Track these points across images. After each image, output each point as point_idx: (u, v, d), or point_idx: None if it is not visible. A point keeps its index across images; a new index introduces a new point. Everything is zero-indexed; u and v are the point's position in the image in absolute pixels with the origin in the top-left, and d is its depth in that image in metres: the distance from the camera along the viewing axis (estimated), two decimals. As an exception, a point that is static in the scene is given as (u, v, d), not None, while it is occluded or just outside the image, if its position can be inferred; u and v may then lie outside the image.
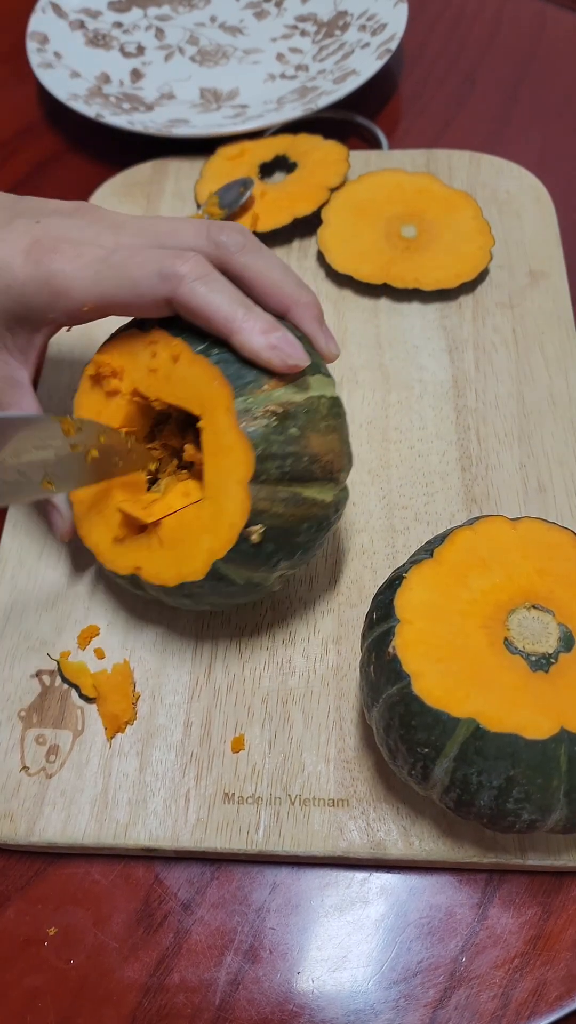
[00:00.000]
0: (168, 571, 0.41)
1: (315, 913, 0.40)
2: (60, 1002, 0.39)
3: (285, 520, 0.40)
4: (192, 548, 0.40)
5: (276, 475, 0.39)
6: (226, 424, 0.39)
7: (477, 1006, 0.38)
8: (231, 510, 0.39)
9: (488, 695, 0.35)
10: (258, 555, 0.40)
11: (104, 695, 0.45)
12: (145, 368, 0.42)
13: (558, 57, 0.76)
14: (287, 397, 0.39)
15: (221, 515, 0.39)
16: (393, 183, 0.62)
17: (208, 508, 0.40)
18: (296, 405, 0.39)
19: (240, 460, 0.39)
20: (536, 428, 0.52)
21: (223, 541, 0.39)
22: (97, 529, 0.44)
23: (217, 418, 0.39)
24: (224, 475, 0.39)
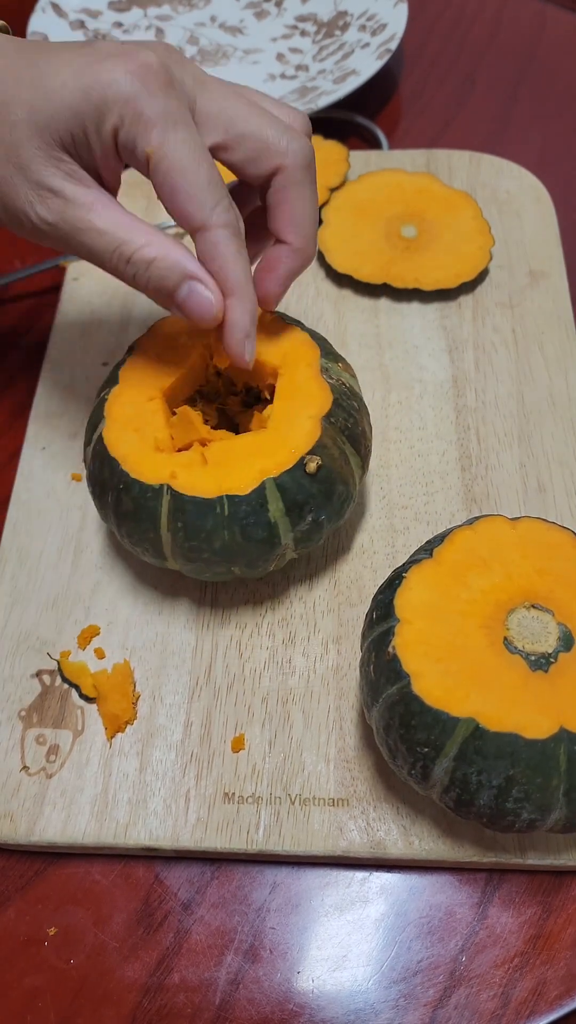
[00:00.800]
0: (208, 483, 0.41)
1: (315, 913, 0.40)
2: (60, 1002, 0.39)
3: (335, 468, 0.42)
4: (242, 467, 0.41)
5: (340, 425, 0.43)
6: (308, 374, 0.43)
7: (477, 1005, 0.38)
8: (297, 437, 0.42)
9: (488, 695, 0.35)
10: (302, 491, 0.41)
11: (104, 695, 0.45)
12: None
13: (558, 57, 0.76)
14: (352, 383, 0.45)
15: (284, 442, 0.42)
16: (393, 183, 0.62)
17: (270, 437, 0.42)
18: (356, 390, 0.45)
19: (317, 398, 0.43)
20: (536, 428, 0.52)
21: (281, 462, 0.41)
22: (128, 439, 0.42)
23: (299, 370, 0.44)
24: (296, 411, 0.42)
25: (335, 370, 0.44)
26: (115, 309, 0.60)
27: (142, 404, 0.44)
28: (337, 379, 0.44)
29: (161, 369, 0.45)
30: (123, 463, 0.42)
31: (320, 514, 0.42)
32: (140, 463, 0.42)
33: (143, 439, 0.42)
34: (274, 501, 0.41)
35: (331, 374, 0.44)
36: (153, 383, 0.44)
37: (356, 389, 0.45)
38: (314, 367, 0.44)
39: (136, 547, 0.43)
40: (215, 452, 0.42)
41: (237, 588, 0.48)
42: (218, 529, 0.41)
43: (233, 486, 0.40)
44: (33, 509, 0.52)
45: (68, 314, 0.60)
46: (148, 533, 0.42)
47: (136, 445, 0.42)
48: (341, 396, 0.43)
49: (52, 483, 0.52)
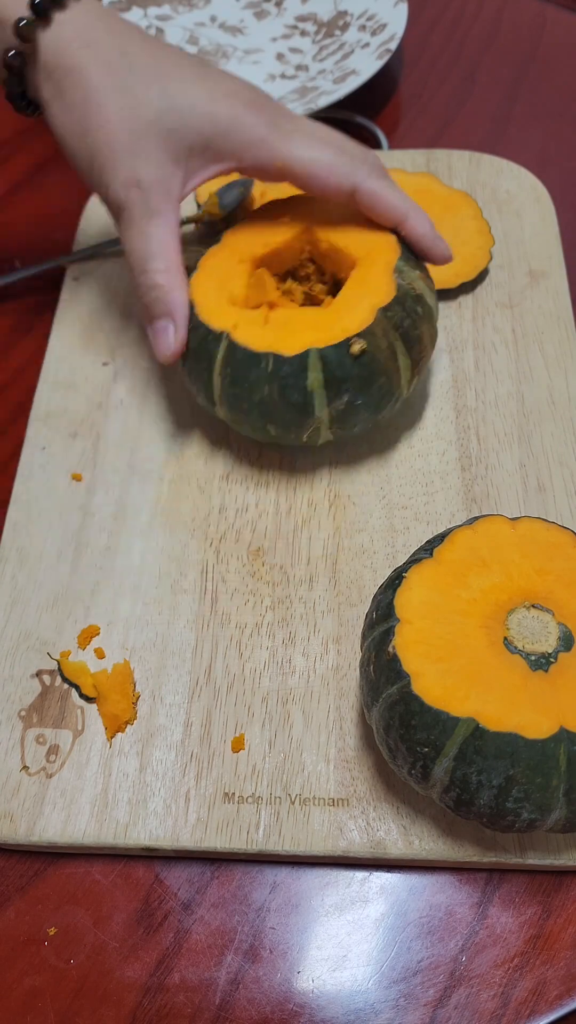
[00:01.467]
0: (263, 340, 0.45)
1: (315, 913, 0.40)
2: (60, 1002, 0.39)
3: (380, 359, 0.45)
4: (297, 334, 0.45)
5: (396, 320, 0.46)
6: (380, 270, 0.47)
7: (477, 1005, 0.38)
8: (350, 319, 0.45)
9: (488, 695, 0.35)
10: (342, 369, 0.45)
11: (104, 695, 0.45)
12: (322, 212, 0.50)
13: (558, 57, 0.76)
14: (426, 293, 0.48)
15: (337, 321, 0.45)
16: (393, 183, 0.62)
17: (328, 315, 0.46)
18: (428, 301, 0.48)
19: (381, 289, 0.46)
20: (536, 428, 0.52)
21: (329, 337, 0.45)
22: (209, 288, 0.48)
23: (375, 265, 0.47)
24: (358, 299, 0.46)
25: (410, 275, 0.47)
26: (115, 309, 0.60)
27: (232, 264, 0.49)
28: (409, 283, 0.47)
29: (260, 240, 0.50)
30: (197, 308, 0.47)
31: (357, 398, 0.46)
32: (212, 310, 0.47)
33: (221, 291, 0.48)
34: (315, 371, 0.45)
35: (404, 276, 0.47)
36: (248, 250, 0.49)
37: (428, 298, 0.48)
38: (389, 265, 0.47)
39: (193, 386, 0.49)
40: (278, 316, 0.47)
41: (238, 588, 0.48)
42: (260, 383, 0.45)
43: (283, 347, 0.45)
44: (33, 509, 0.52)
45: (68, 314, 0.60)
46: (203, 374, 0.47)
47: (214, 295, 0.48)
48: (405, 297, 0.46)
49: (52, 483, 0.52)
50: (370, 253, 0.48)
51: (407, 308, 0.46)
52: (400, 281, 0.46)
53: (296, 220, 0.50)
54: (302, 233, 0.50)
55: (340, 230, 0.49)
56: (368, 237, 0.48)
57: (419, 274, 0.48)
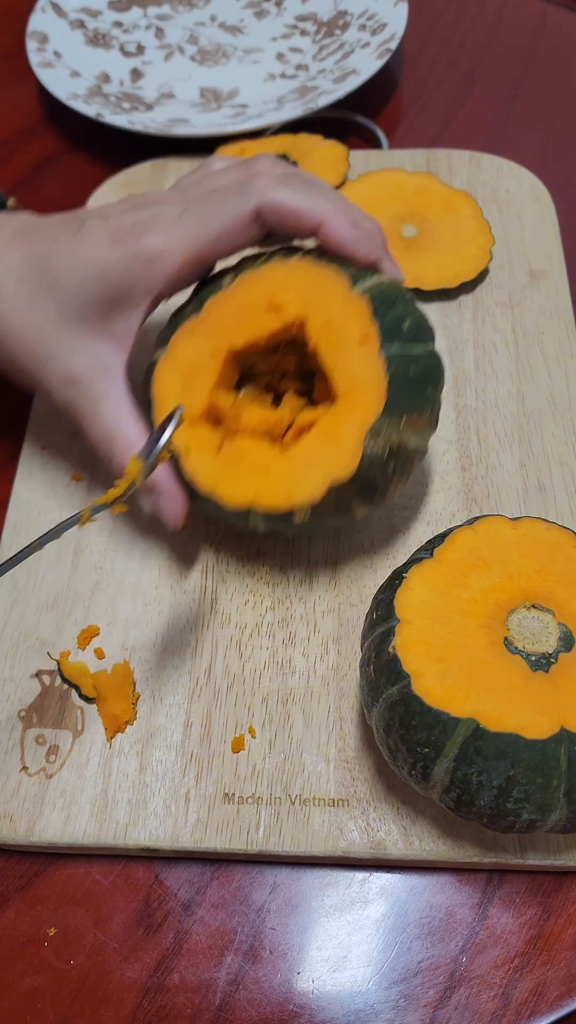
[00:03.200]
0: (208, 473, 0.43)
1: (315, 913, 0.40)
2: (60, 1002, 0.39)
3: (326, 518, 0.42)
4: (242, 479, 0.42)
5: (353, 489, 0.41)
6: (353, 428, 0.41)
7: (477, 1006, 0.38)
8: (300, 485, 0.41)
9: (488, 695, 0.35)
10: (283, 524, 0.42)
11: (104, 695, 0.45)
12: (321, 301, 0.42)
13: (558, 57, 0.76)
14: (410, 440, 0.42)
15: (287, 479, 0.42)
16: (393, 183, 0.62)
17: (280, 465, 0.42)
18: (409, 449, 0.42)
19: (343, 458, 0.41)
20: (536, 428, 0.52)
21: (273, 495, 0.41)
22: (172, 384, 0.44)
23: (349, 415, 0.41)
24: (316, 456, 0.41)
25: (390, 432, 0.40)
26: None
27: (204, 358, 0.44)
28: (385, 442, 0.40)
29: (242, 325, 0.43)
30: (157, 408, 0.44)
31: (304, 533, 0.43)
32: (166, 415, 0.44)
33: (183, 393, 0.44)
34: (255, 519, 0.42)
35: (381, 436, 0.40)
36: (225, 337, 0.44)
37: (411, 444, 0.41)
38: (365, 423, 0.40)
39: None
40: (231, 450, 0.43)
41: (237, 588, 0.48)
42: (206, 508, 0.43)
43: (227, 492, 0.42)
44: (33, 509, 0.52)
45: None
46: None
47: (175, 398, 0.44)
48: (372, 465, 0.40)
49: (52, 483, 0.52)
50: (352, 394, 0.41)
51: (370, 476, 0.41)
52: (371, 447, 0.40)
53: (289, 307, 0.43)
54: (290, 328, 0.43)
55: (332, 341, 0.42)
56: (358, 368, 0.41)
57: (406, 422, 0.41)
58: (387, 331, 0.41)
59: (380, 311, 0.41)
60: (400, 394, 0.41)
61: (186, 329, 0.45)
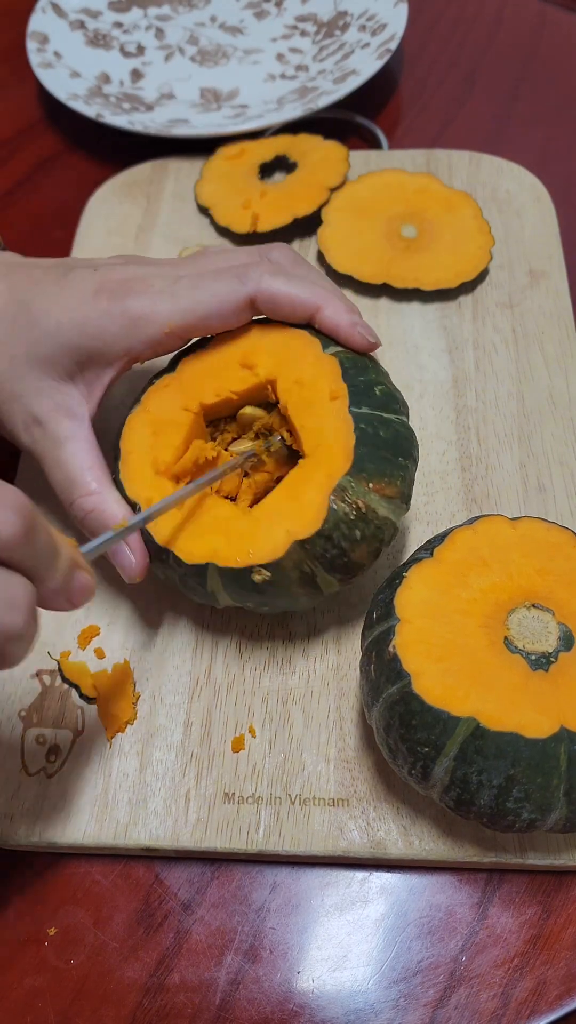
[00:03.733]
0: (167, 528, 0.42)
1: (315, 913, 0.40)
2: (60, 1002, 0.39)
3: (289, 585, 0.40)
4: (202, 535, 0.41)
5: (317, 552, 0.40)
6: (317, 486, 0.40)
7: (477, 1005, 0.38)
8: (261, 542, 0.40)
9: (488, 694, 0.35)
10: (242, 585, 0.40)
11: (104, 695, 0.45)
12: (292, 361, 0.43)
13: (558, 57, 0.76)
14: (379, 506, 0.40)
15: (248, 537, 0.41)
16: (393, 183, 0.62)
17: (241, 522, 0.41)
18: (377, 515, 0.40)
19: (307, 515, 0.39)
20: (536, 428, 0.52)
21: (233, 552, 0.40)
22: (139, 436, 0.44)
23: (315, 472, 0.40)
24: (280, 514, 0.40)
25: (356, 492, 0.39)
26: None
27: (175, 411, 0.43)
28: (352, 502, 0.39)
29: (214, 382, 0.44)
30: (124, 458, 0.44)
31: (263, 605, 0.42)
32: (135, 470, 0.43)
33: (152, 446, 0.43)
34: (213, 579, 0.41)
35: (348, 495, 0.39)
36: (197, 393, 0.44)
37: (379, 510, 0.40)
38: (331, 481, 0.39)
39: None
40: (194, 504, 0.42)
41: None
42: (165, 566, 0.42)
43: (186, 548, 0.41)
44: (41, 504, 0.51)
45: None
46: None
47: (142, 451, 0.43)
48: (338, 525, 0.39)
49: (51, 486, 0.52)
50: (319, 451, 0.40)
51: (335, 538, 0.39)
52: (337, 505, 0.39)
53: (261, 366, 0.43)
54: (263, 386, 0.43)
55: (302, 399, 0.42)
56: (327, 425, 0.41)
57: (374, 486, 0.40)
58: (357, 392, 0.41)
59: (351, 373, 0.42)
60: (369, 455, 0.40)
61: (160, 385, 0.44)
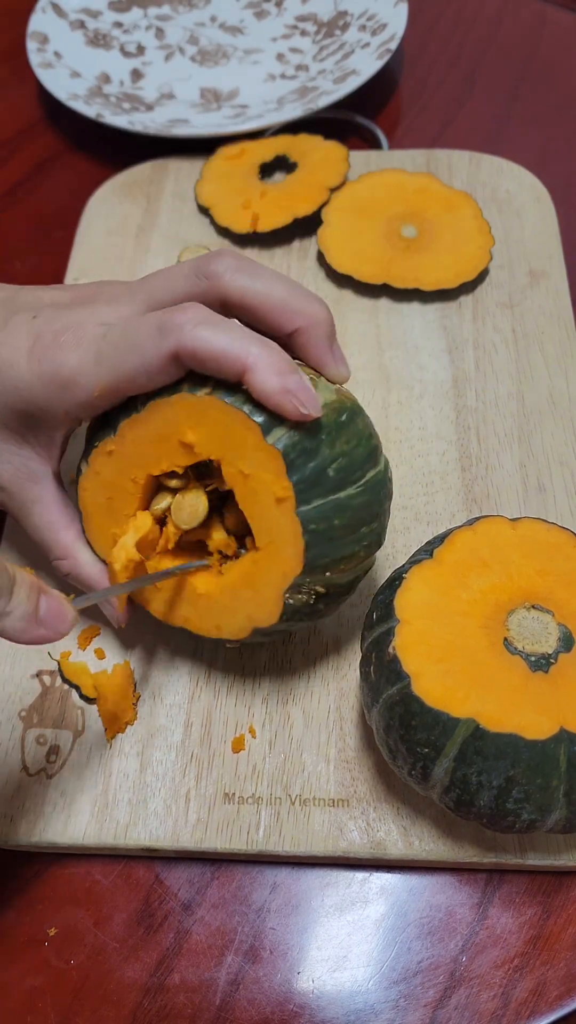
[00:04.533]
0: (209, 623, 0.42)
1: (315, 913, 0.40)
2: (60, 1002, 0.39)
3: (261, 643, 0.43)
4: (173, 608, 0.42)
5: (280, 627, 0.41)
6: (272, 585, 0.39)
7: (477, 1006, 0.38)
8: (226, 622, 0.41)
9: (488, 695, 0.35)
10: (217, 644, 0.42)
11: (104, 695, 0.45)
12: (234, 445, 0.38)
13: (558, 57, 0.76)
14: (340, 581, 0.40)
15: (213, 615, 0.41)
16: (393, 183, 0.62)
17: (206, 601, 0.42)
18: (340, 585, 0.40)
19: (265, 608, 0.39)
20: (536, 428, 0.52)
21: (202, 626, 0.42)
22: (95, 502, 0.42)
23: (269, 572, 0.39)
24: (240, 601, 0.40)
25: (311, 584, 0.38)
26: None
27: (124, 481, 0.41)
28: (308, 592, 0.39)
29: (158, 453, 0.40)
30: (86, 519, 0.43)
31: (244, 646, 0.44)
32: (99, 531, 0.43)
33: (110, 511, 0.42)
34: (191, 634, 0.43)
35: (302, 589, 0.38)
36: (142, 462, 0.41)
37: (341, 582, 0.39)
38: (285, 580, 0.38)
39: None
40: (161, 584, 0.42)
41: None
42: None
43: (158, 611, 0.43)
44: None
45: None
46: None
47: (101, 515, 0.42)
48: (296, 612, 0.39)
49: (52, 483, 0.52)
50: (271, 548, 0.38)
51: (295, 620, 0.40)
52: (293, 599, 0.39)
53: (201, 448, 0.39)
54: (207, 463, 0.40)
55: (248, 491, 0.38)
56: (275, 527, 0.38)
57: (331, 573, 0.39)
58: (306, 487, 0.37)
59: (298, 463, 0.37)
60: (322, 551, 0.38)
61: (104, 449, 0.41)
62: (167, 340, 0.37)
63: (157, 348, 0.37)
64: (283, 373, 0.37)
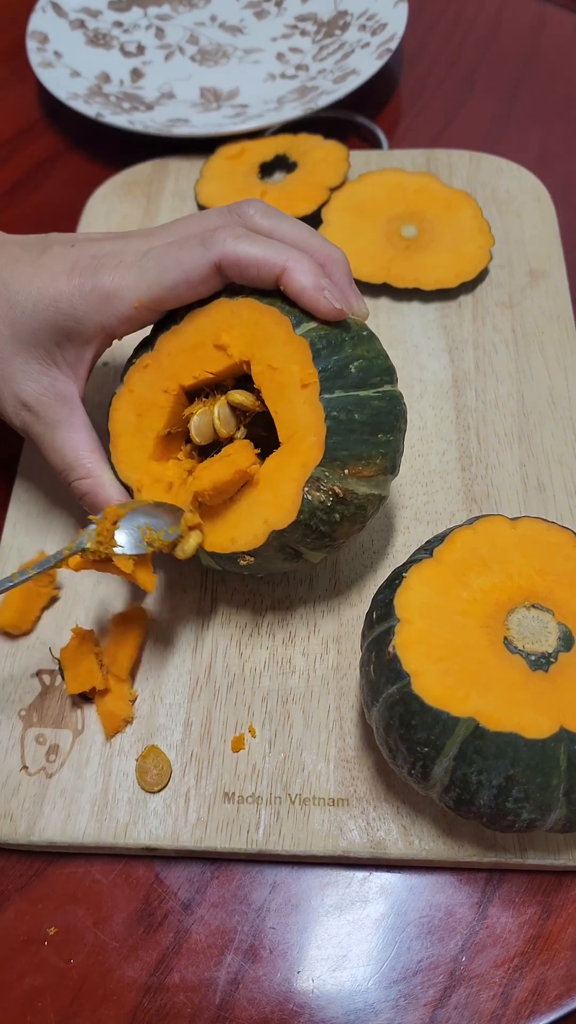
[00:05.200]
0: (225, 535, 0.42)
1: (315, 912, 0.40)
2: (60, 1002, 0.39)
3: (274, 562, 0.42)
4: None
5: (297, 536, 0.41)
6: (292, 478, 0.40)
7: (477, 1005, 0.38)
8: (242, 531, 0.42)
9: (488, 694, 0.35)
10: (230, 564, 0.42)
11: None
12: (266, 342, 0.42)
13: (558, 57, 0.76)
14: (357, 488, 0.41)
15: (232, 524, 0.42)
16: (393, 183, 0.62)
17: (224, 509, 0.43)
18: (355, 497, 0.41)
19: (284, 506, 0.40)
20: (536, 428, 0.52)
21: (218, 541, 0.42)
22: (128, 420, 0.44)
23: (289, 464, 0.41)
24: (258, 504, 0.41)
25: (331, 481, 0.40)
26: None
27: (156, 393, 0.44)
28: (328, 490, 0.40)
29: (192, 363, 0.43)
30: (113, 441, 0.45)
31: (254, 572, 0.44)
32: (124, 452, 0.44)
33: (139, 429, 0.44)
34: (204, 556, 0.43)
35: (322, 485, 0.40)
36: (176, 373, 0.44)
37: (357, 492, 0.40)
38: (305, 471, 0.40)
39: None
40: (181, 492, 0.43)
41: (237, 588, 0.48)
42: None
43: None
44: (33, 509, 0.52)
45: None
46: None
47: (130, 434, 0.44)
48: (314, 514, 0.40)
49: (52, 483, 0.52)
50: (293, 440, 0.40)
51: (313, 524, 0.40)
52: (312, 495, 0.39)
53: (234, 348, 0.42)
54: (239, 367, 0.43)
55: (275, 384, 0.41)
56: (299, 414, 0.40)
57: (350, 471, 0.40)
58: (329, 376, 0.40)
59: (324, 354, 0.40)
60: (342, 443, 0.39)
61: (140, 365, 0.45)
62: (210, 252, 0.41)
63: (200, 260, 0.41)
64: (317, 274, 0.41)
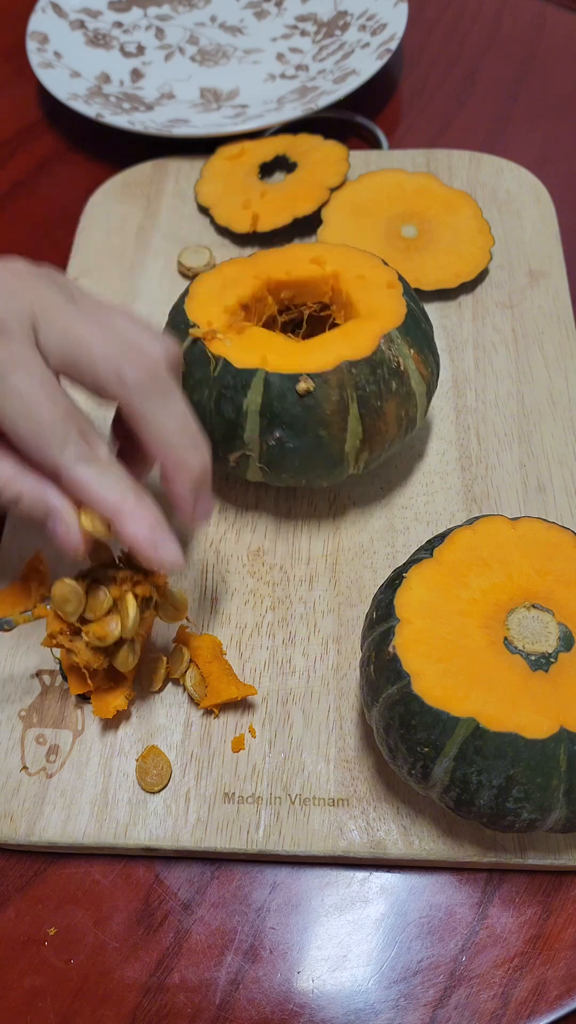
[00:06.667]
0: (221, 346, 0.45)
1: (315, 913, 0.40)
2: (60, 1002, 0.39)
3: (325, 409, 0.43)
4: (253, 351, 0.45)
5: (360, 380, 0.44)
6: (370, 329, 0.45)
7: (477, 1005, 0.38)
8: (311, 358, 0.44)
9: (488, 694, 0.35)
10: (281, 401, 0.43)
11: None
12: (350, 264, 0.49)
13: (558, 57, 0.76)
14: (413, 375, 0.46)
15: (299, 356, 0.44)
16: (393, 183, 0.62)
17: (293, 348, 0.45)
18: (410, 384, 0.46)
19: (359, 345, 0.44)
20: (536, 428, 0.52)
21: (282, 365, 0.44)
22: (210, 283, 0.49)
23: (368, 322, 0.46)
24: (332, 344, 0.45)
25: (399, 348, 0.45)
26: (115, 309, 0.60)
27: (247, 277, 0.49)
28: (394, 354, 0.45)
29: (284, 267, 0.49)
30: (191, 294, 0.48)
31: (289, 440, 0.44)
32: (202, 305, 0.47)
33: (222, 292, 0.48)
34: (256, 392, 0.44)
35: (393, 346, 0.45)
36: (268, 270, 0.49)
37: (413, 381, 0.45)
38: (382, 329, 0.45)
39: None
40: (252, 333, 0.46)
41: (237, 588, 0.48)
42: (203, 384, 0.45)
43: (237, 358, 0.44)
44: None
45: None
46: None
47: (210, 292, 0.48)
48: (381, 363, 0.44)
49: (52, 483, 0.52)
50: (373, 313, 0.46)
51: (378, 375, 0.44)
52: (385, 347, 0.44)
53: (328, 263, 0.49)
54: (328, 277, 0.49)
55: (362, 285, 0.48)
56: (382, 300, 0.47)
57: (414, 353, 0.46)
58: (409, 292, 0.48)
59: (407, 290, 0.48)
60: (414, 326, 0.46)
61: (234, 261, 0.50)
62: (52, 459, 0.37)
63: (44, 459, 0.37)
64: (153, 528, 0.38)
